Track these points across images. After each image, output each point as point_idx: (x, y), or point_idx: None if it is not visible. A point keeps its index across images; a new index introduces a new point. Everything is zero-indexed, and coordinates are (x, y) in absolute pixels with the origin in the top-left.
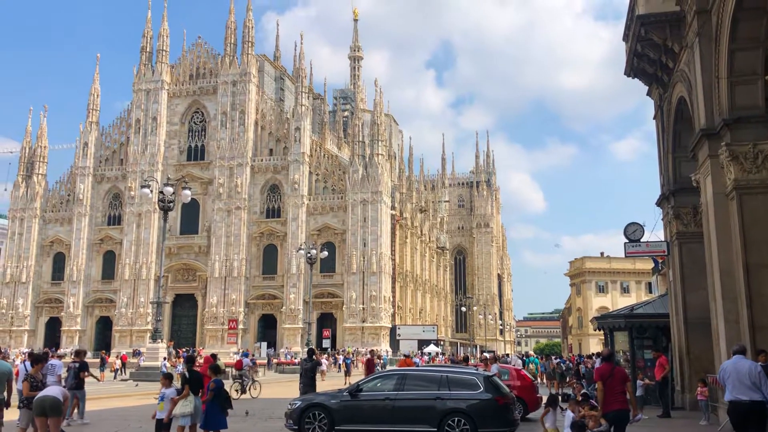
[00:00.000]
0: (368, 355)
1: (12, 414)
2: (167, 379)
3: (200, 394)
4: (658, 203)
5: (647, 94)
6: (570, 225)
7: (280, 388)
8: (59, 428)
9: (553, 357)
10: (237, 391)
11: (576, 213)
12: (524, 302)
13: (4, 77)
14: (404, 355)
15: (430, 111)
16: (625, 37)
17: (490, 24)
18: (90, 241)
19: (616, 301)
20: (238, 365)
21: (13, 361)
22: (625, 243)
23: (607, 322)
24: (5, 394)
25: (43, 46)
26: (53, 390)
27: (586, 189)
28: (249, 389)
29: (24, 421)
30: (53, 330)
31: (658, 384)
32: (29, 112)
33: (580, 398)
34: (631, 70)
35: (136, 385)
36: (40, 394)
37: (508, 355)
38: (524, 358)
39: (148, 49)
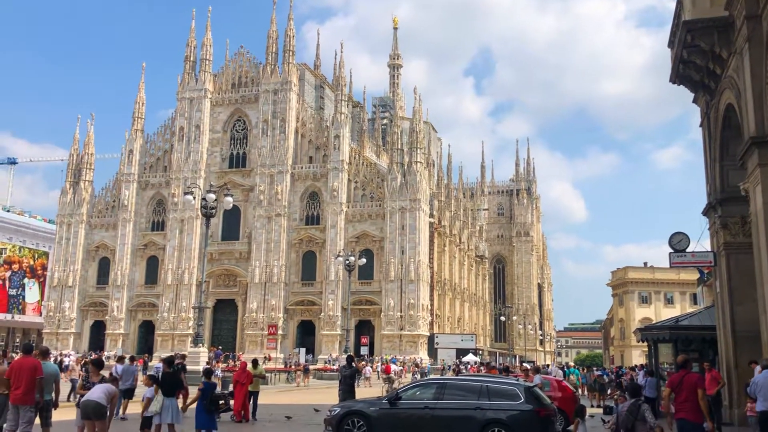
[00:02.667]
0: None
1: (59, 414)
2: (150, 380)
3: (178, 396)
4: (705, 213)
5: (693, 102)
6: (612, 234)
7: (320, 395)
8: (105, 430)
9: (594, 368)
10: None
11: (618, 222)
12: (565, 312)
13: (54, 87)
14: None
15: (468, 119)
16: (671, 44)
17: (530, 31)
18: (134, 247)
19: (660, 313)
20: (387, 370)
21: (61, 362)
22: (670, 253)
23: (651, 334)
24: (53, 395)
25: (90, 57)
26: (96, 394)
27: (628, 198)
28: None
29: (79, 419)
30: (98, 333)
31: (711, 399)
32: (77, 120)
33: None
34: (677, 77)
35: None
36: (84, 397)
37: (548, 365)
38: (565, 368)
39: (191, 59)
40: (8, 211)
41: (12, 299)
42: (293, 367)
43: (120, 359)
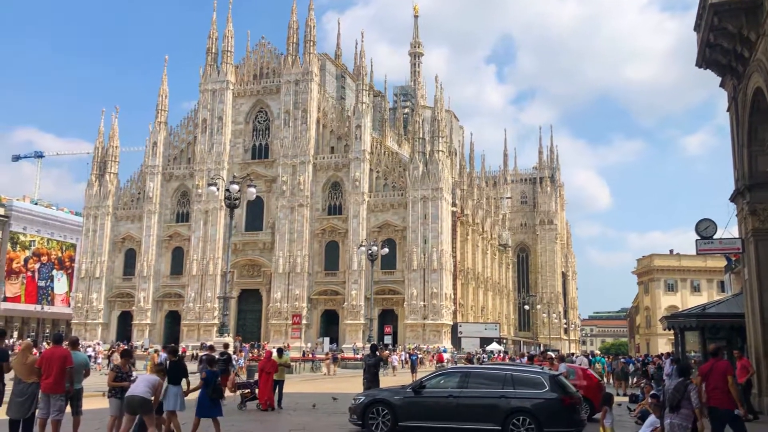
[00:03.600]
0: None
1: (91, 404)
2: (160, 371)
3: (183, 383)
4: (732, 199)
5: (720, 86)
6: (637, 222)
7: (345, 383)
8: (152, 423)
9: (620, 357)
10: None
11: (643, 210)
12: (590, 301)
13: (79, 82)
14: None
15: (490, 107)
16: (697, 27)
17: (552, 17)
18: (159, 238)
19: (686, 300)
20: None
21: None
22: (696, 240)
23: (678, 322)
24: (82, 385)
25: (114, 51)
26: (139, 388)
27: (653, 185)
28: None
29: (113, 409)
30: (125, 323)
31: (742, 387)
32: (101, 114)
33: (650, 399)
34: (703, 61)
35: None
36: (128, 392)
37: (573, 354)
38: (590, 357)
39: (213, 51)
40: (36, 204)
41: (41, 290)
42: (315, 356)
43: (165, 348)
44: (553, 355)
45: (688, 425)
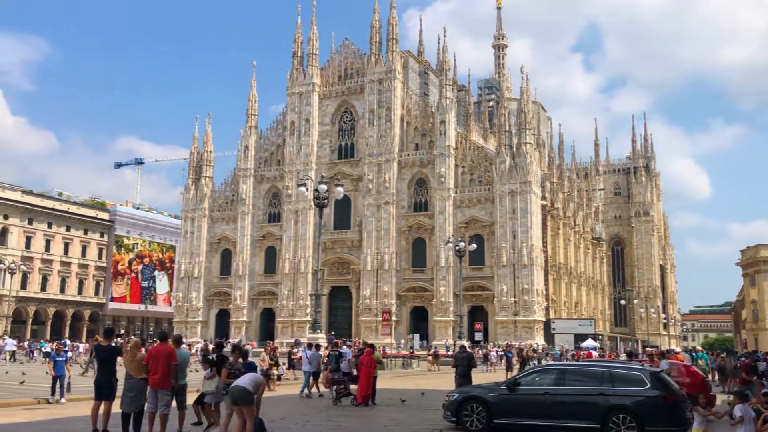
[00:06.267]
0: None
1: (191, 399)
2: (206, 362)
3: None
4: None
5: None
6: (739, 211)
7: (437, 380)
8: (252, 415)
9: (725, 353)
10: None
11: (746, 198)
12: (690, 294)
13: (173, 91)
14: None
15: (578, 97)
16: None
17: (639, 2)
18: (253, 238)
19: None
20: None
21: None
22: None
23: None
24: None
25: (204, 60)
26: (243, 380)
27: (756, 171)
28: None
29: (228, 407)
30: (222, 321)
31: None
32: (195, 120)
33: (764, 398)
34: None
35: (296, 378)
36: (233, 383)
37: (673, 350)
38: (692, 353)
39: (299, 54)
40: (138, 208)
41: (144, 291)
42: (412, 351)
43: (309, 346)
44: (654, 352)
45: None
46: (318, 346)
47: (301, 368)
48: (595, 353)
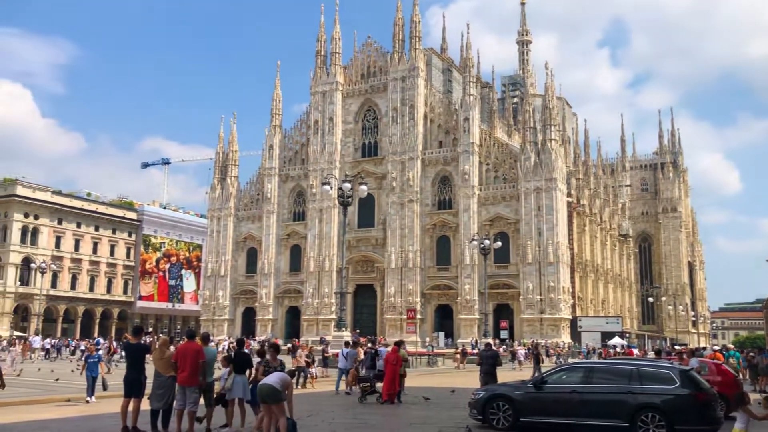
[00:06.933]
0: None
1: None
2: (226, 360)
3: (248, 374)
4: None
5: None
6: None
7: (462, 378)
8: (283, 412)
9: (755, 351)
10: None
11: None
12: (720, 291)
13: (198, 91)
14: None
15: (604, 92)
16: None
17: None
18: (278, 237)
19: None
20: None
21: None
22: None
23: None
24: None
25: (228, 61)
26: (271, 378)
27: None
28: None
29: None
30: (249, 319)
31: None
32: (221, 121)
33: None
34: None
35: (327, 376)
36: (261, 382)
37: (703, 348)
38: (723, 352)
39: (322, 53)
40: (165, 207)
41: (172, 289)
42: (435, 351)
43: (346, 344)
44: (683, 350)
45: None
46: (355, 344)
47: (336, 366)
48: (636, 351)
